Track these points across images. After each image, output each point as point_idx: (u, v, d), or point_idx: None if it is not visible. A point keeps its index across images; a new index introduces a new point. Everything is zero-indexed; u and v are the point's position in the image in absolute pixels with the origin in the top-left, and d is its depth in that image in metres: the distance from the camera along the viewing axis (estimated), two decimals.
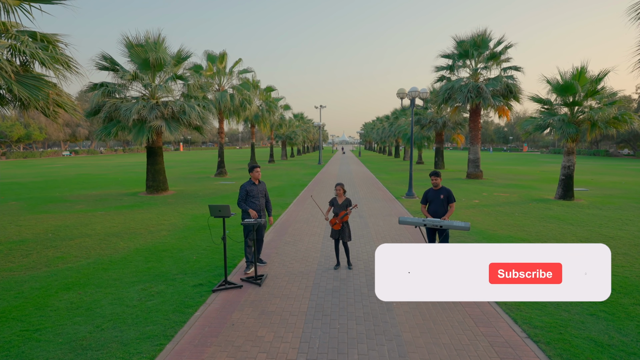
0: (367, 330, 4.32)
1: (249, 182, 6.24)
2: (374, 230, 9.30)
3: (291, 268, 6.50)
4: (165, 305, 4.96)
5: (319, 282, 5.84)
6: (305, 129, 62.68)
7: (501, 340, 4.10)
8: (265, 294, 5.38)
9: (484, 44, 21.09)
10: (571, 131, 13.14)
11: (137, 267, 6.48)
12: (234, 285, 5.59)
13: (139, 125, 14.56)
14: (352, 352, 3.87)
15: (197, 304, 5.01)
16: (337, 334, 4.25)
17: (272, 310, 4.83)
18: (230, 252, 7.38)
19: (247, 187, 6.17)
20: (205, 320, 4.56)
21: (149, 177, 15.97)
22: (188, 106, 14.88)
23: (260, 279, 5.83)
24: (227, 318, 4.62)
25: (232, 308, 4.91)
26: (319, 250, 7.56)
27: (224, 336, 4.19)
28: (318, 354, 3.83)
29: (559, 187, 14.39)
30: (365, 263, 6.72)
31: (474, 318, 4.61)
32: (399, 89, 14.92)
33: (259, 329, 4.36)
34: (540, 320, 4.55)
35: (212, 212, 5.51)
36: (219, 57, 23.46)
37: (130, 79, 14.12)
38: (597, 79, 13.05)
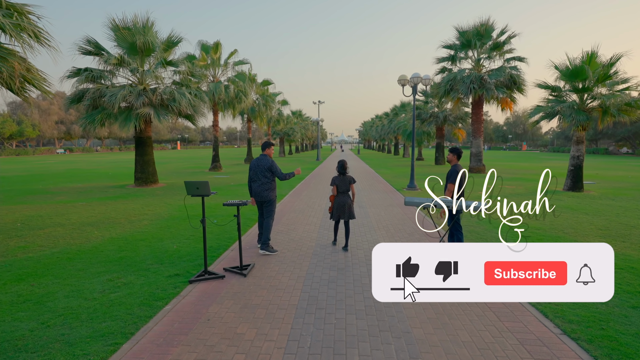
0: (369, 326, 3.59)
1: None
2: (375, 219, 8.57)
3: (282, 257, 5.75)
4: (131, 298, 4.20)
5: (313, 272, 5.10)
6: (304, 126, 61.90)
7: (532, 338, 3.37)
8: (250, 285, 4.63)
9: (487, 34, 20.38)
10: (582, 118, 12.43)
11: (108, 257, 5.72)
12: (215, 276, 4.84)
13: (126, 113, 13.79)
14: (351, 352, 3.13)
15: (169, 297, 4.26)
16: (333, 330, 3.51)
17: (257, 304, 4.09)
18: (215, 240, 6.64)
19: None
20: (176, 315, 3.81)
21: (137, 169, 15.18)
22: (178, 93, 14.10)
23: (246, 268, 5.09)
24: (203, 312, 3.88)
25: (209, 301, 4.16)
26: (314, 239, 6.82)
27: (195, 333, 3.44)
28: (309, 355, 3.09)
29: (567, 178, 13.69)
30: (365, 252, 5.98)
31: (495, 311, 3.87)
32: (401, 75, 14.19)
33: (239, 324, 3.62)
34: (574, 314, 3.82)
35: (189, 190, 4.76)
36: (213, 47, 22.68)
37: (115, 63, 13.32)
38: (609, 64, 12.34)
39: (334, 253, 5.95)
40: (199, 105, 15.11)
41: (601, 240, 6.71)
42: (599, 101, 12.55)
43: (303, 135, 63.09)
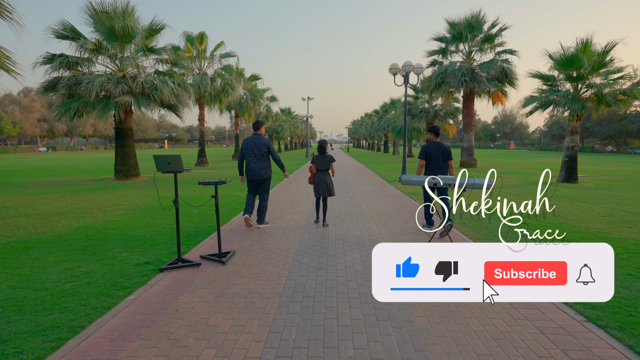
0: (365, 315, 3.08)
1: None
2: (367, 209, 8.09)
3: (267, 244, 5.22)
4: (89, 288, 3.62)
5: (301, 259, 4.58)
6: (293, 124, 61.29)
7: (553, 326, 2.91)
8: (229, 272, 4.09)
9: (478, 26, 20.12)
10: (577, 107, 12.16)
11: (71, 246, 5.11)
12: (189, 263, 4.28)
13: (104, 101, 13.06)
14: (344, 345, 2.62)
15: (134, 286, 3.69)
16: (322, 320, 3.00)
17: (235, 292, 3.55)
18: (194, 227, 6.07)
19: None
20: (139, 306, 3.25)
21: (117, 162, 14.42)
22: (160, 81, 13.42)
23: (225, 255, 4.54)
24: (171, 302, 3.32)
25: (180, 290, 3.61)
26: (302, 227, 6.30)
27: (159, 326, 2.89)
28: (294, 348, 2.57)
29: (562, 170, 13.45)
30: (358, 239, 5.49)
31: None
32: (392, 64, 13.74)
33: (212, 315, 3.08)
34: None
35: (159, 166, 4.19)
36: (198, 38, 21.95)
37: (93, 49, 12.56)
38: (604, 51, 12.10)
39: (323, 240, 5.44)
40: (183, 95, 14.42)
41: (606, 226, 6.34)
42: (594, 90, 12.29)
43: (292, 133, 62.49)
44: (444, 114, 29.01)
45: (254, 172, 5.92)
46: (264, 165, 5.97)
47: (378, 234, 5.78)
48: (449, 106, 27.97)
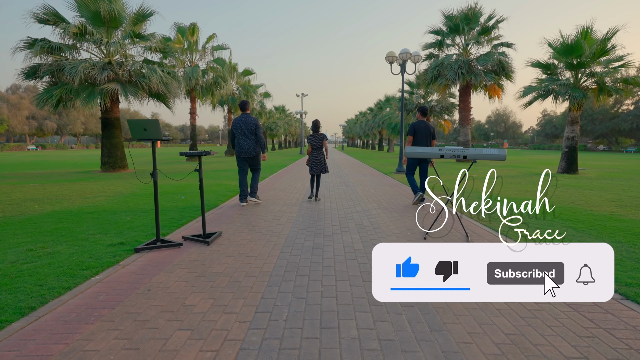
0: (369, 293, 2.65)
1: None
2: (365, 195, 7.68)
3: (257, 226, 4.77)
4: (50, 268, 3.15)
5: (294, 239, 4.14)
6: (287, 121, 60.80)
7: (586, 303, 2.51)
8: (213, 253, 3.64)
9: (475, 19, 19.83)
10: (578, 95, 11.86)
11: (40, 228, 4.61)
12: (169, 244, 3.82)
13: (89, 89, 12.46)
14: (346, 325, 2.19)
15: (103, 266, 3.22)
16: (319, 299, 2.56)
17: (219, 271, 3.10)
18: (179, 211, 5.61)
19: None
20: (106, 286, 2.79)
21: (104, 153, 13.84)
22: (148, 68, 12.88)
23: (210, 236, 4.08)
24: (144, 282, 2.87)
25: (156, 270, 3.15)
26: (296, 211, 5.87)
27: (126, 307, 2.43)
28: (285, 329, 2.13)
29: (562, 161, 13.15)
30: (356, 221, 5.06)
31: None
32: (388, 52, 13.36)
33: (190, 295, 2.62)
34: (628, 277, 2.98)
35: (134, 133, 3.71)
36: (189, 29, 21.38)
37: (76, 33, 11.98)
38: (605, 38, 11.82)
39: (319, 222, 5.01)
40: (172, 83, 13.86)
41: (617, 209, 5.99)
42: (595, 78, 12.00)
43: (286, 131, 62.00)
44: (440, 109, 28.70)
45: (244, 149, 6.09)
46: (254, 142, 6.12)
47: (378, 217, 5.36)
48: (445, 101, 27.69)
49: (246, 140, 6.04)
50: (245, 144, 6.05)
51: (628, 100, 61.06)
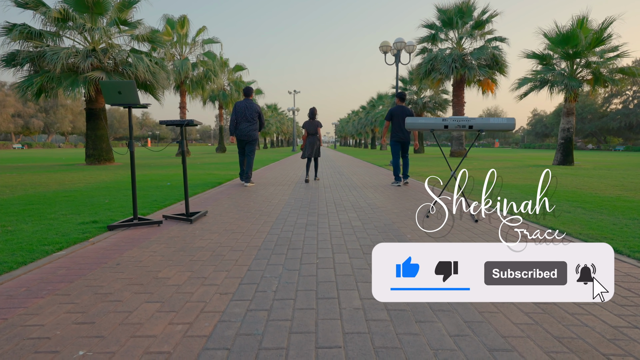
0: (370, 264, 2.32)
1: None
2: (360, 182, 7.37)
3: (246, 207, 4.42)
4: (6, 245, 2.76)
5: (286, 217, 3.80)
6: (279, 119, 60.36)
7: (618, 274, 2.21)
8: (196, 229, 3.28)
9: (469, 12, 19.70)
10: (575, 85, 11.71)
11: (6, 209, 4.20)
12: (147, 221, 3.45)
13: (72, 77, 11.94)
14: (347, 295, 1.85)
15: (69, 242, 2.84)
16: (314, 270, 2.23)
17: (201, 246, 2.75)
18: (163, 195, 5.23)
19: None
20: (69, 261, 2.42)
21: (88, 145, 13.32)
22: (135, 57, 12.40)
23: (193, 215, 3.72)
24: (113, 258, 2.50)
25: (130, 246, 2.78)
26: (288, 194, 5.53)
27: (87, 280, 2.07)
28: (275, 300, 1.79)
29: (557, 152, 13.00)
30: (353, 203, 4.74)
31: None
32: (383, 42, 13.06)
33: (164, 268, 2.27)
34: None
35: (107, 96, 3.31)
36: (179, 22, 20.87)
37: (57, 18, 11.45)
38: (601, 28, 11.68)
39: (312, 203, 4.67)
40: (160, 73, 13.40)
41: (623, 192, 5.76)
42: (592, 68, 11.86)
43: (278, 129, 61.54)
44: (433, 105, 28.58)
45: (243, 132, 6.32)
46: (253, 127, 6.38)
47: (375, 199, 5.04)
48: (438, 97, 27.59)
49: (247, 123, 6.31)
50: (244, 127, 6.30)
51: (616, 99, 61.93)
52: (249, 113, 6.31)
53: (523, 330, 1.51)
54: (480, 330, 1.49)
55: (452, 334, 1.46)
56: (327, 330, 1.50)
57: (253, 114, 6.34)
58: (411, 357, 1.30)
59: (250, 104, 6.37)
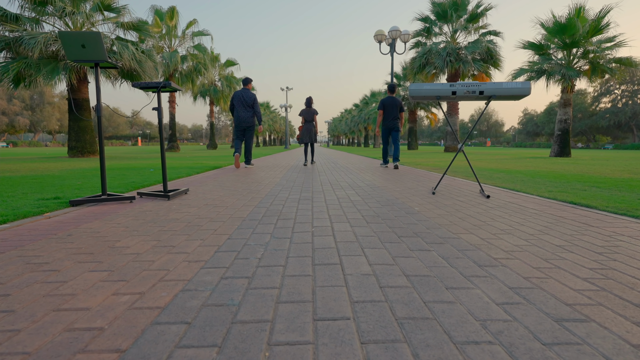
0: (377, 232, 1.93)
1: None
2: (356, 167, 6.99)
3: (233, 186, 4.00)
4: None
5: (278, 193, 3.40)
6: (272, 117, 59.82)
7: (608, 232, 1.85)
8: (173, 204, 2.85)
9: (463, 6, 19.47)
10: (572, 74, 11.49)
11: None
12: (117, 197, 3.01)
13: (53, 64, 11.36)
14: (352, 261, 1.45)
15: (18, 216, 2.40)
16: (310, 238, 1.82)
17: (176, 218, 2.33)
18: (143, 179, 4.78)
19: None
20: (10, 233, 1.98)
21: (71, 137, 12.72)
22: (120, 44, 11.86)
23: (172, 192, 3.29)
24: (66, 230, 2.07)
25: (91, 219, 2.35)
26: (281, 176, 5.11)
27: (24, 250, 1.64)
28: (259, 267, 1.38)
29: (554, 144, 12.79)
30: (350, 183, 4.35)
31: (539, 207, 2.33)
32: (377, 31, 12.71)
33: (124, 238, 1.85)
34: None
35: (69, 51, 2.86)
36: (168, 13, 20.33)
37: (36, 1, 10.87)
38: (599, 17, 11.48)
39: (306, 183, 4.28)
40: (146, 62, 12.86)
41: (631, 175, 5.46)
42: (590, 57, 11.65)
43: (271, 127, 61.01)
44: (426, 102, 28.35)
45: (242, 119, 6.75)
46: (250, 114, 6.79)
47: (373, 180, 4.66)
48: None
49: (244, 111, 6.73)
50: (243, 115, 6.74)
51: (605, 98, 62.60)
52: (245, 101, 6.72)
53: (590, 297, 1.12)
54: (535, 297, 1.11)
55: (498, 302, 1.07)
56: (329, 299, 1.10)
57: (249, 103, 6.74)
58: (451, 329, 0.91)
59: (247, 93, 6.77)
